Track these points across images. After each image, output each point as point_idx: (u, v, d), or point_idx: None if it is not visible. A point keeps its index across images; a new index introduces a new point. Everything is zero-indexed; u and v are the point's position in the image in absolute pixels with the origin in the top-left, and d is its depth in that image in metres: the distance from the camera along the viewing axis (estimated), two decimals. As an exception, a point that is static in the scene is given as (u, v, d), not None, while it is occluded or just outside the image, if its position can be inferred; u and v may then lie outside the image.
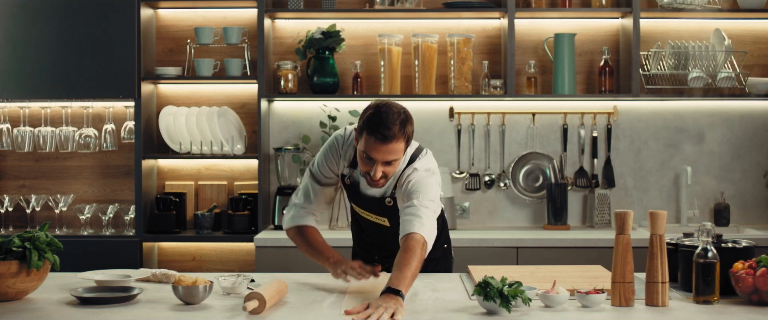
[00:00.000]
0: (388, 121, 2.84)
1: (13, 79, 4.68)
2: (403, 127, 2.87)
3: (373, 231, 3.26)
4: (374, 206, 3.14)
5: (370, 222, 3.22)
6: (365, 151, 2.90)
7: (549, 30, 4.90)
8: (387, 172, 2.93)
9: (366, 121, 2.89)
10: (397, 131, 2.84)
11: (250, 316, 2.53)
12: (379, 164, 2.90)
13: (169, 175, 5.00)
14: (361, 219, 3.26)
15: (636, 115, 4.95)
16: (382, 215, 3.15)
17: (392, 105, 2.90)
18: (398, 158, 2.92)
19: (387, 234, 3.16)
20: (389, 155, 2.88)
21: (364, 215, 3.20)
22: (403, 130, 2.87)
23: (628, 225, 2.66)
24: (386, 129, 2.83)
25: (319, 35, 4.72)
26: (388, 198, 3.09)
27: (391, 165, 2.92)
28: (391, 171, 2.94)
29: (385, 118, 2.85)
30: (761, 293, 2.63)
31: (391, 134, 2.84)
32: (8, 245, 2.72)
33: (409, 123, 2.90)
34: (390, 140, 2.84)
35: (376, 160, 2.89)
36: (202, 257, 5.00)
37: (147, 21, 4.80)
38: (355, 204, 3.21)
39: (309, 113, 4.94)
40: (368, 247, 3.33)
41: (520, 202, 4.96)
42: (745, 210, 4.96)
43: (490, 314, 2.54)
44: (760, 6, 4.74)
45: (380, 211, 3.15)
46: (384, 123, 2.84)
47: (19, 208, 4.87)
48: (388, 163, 2.91)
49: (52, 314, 2.58)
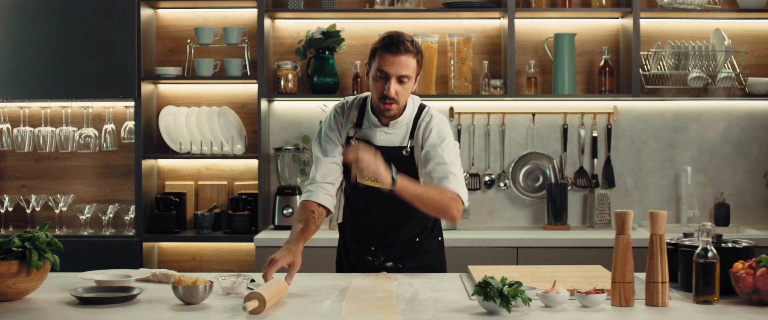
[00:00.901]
0: (401, 38, 3.04)
1: (13, 79, 4.68)
2: (415, 45, 3.05)
3: (375, 211, 3.22)
4: (388, 159, 3.08)
5: (374, 196, 3.14)
6: (380, 66, 3.04)
7: (549, 30, 4.90)
8: (399, 93, 3.05)
9: (380, 42, 3.07)
10: (410, 46, 3.03)
11: (250, 316, 2.53)
12: (393, 79, 3.03)
13: (169, 175, 5.00)
14: (363, 197, 3.21)
15: (636, 115, 4.95)
16: None
17: (402, 32, 3.11)
18: (410, 77, 3.05)
19: (393, 208, 3.15)
20: (402, 69, 3.02)
21: (369, 182, 3.11)
22: (415, 47, 3.05)
23: (628, 225, 2.66)
24: (400, 43, 3.02)
25: (319, 35, 4.72)
26: (406, 148, 3.15)
27: (402, 85, 3.05)
28: (403, 94, 3.06)
29: (397, 37, 3.05)
30: (761, 293, 2.63)
31: (405, 47, 3.02)
32: (8, 245, 2.72)
33: (420, 47, 3.09)
34: (403, 53, 3.01)
35: (390, 74, 3.02)
36: (202, 257, 5.00)
37: (147, 21, 4.80)
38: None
39: (309, 113, 4.94)
40: (367, 237, 3.28)
41: (520, 202, 4.96)
42: (745, 210, 4.96)
43: (490, 314, 2.54)
44: (760, 6, 4.75)
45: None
46: (398, 39, 3.04)
47: (19, 208, 4.87)
48: (400, 82, 3.04)
49: (52, 314, 2.57)
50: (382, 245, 3.26)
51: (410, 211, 3.12)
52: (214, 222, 4.81)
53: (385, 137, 3.16)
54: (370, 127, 3.17)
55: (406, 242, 3.27)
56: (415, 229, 3.27)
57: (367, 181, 2.95)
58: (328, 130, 3.22)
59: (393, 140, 3.16)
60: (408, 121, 3.16)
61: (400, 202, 3.07)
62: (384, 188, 2.89)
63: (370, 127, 3.17)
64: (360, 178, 2.91)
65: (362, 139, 3.18)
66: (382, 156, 2.95)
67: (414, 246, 3.28)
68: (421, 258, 3.27)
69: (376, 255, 3.28)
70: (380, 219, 3.24)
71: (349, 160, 2.89)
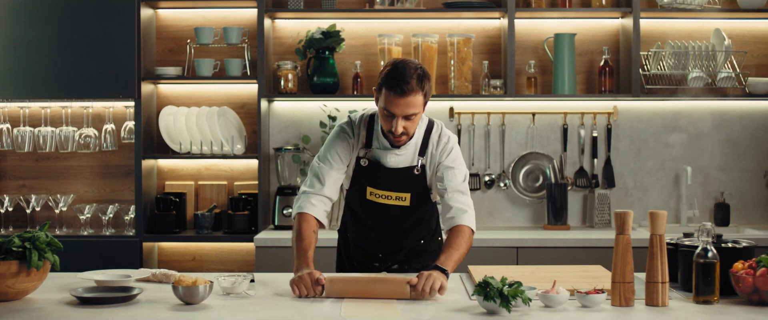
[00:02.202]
0: (406, 75, 2.95)
1: (13, 79, 4.68)
2: (421, 81, 2.98)
3: (385, 223, 3.24)
4: (399, 179, 3.15)
5: (383, 210, 3.20)
6: (385, 107, 3.00)
7: (549, 30, 4.90)
8: (407, 128, 3.04)
9: (385, 78, 2.99)
10: (415, 85, 2.95)
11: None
12: (400, 119, 2.99)
13: (169, 175, 5.00)
14: (372, 211, 3.23)
15: (636, 115, 4.95)
16: (405, 190, 3.17)
17: (409, 61, 3.01)
18: (417, 112, 3.02)
19: (402, 220, 3.19)
20: (409, 109, 2.98)
21: (381, 199, 3.18)
22: (421, 83, 2.98)
23: (628, 225, 2.66)
24: (405, 83, 2.94)
25: (319, 35, 4.72)
26: (417, 167, 3.16)
27: (410, 120, 3.02)
28: (411, 126, 3.05)
29: (403, 73, 2.96)
30: (761, 293, 2.63)
31: (409, 88, 2.95)
32: (8, 245, 2.72)
33: (426, 78, 3.01)
34: (408, 94, 2.95)
35: (396, 114, 2.99)
36: (202, 257, 5.00)
37: (147, 21, 4.80)
38: (373, 187, 3.19)
39: (309, 113, 4.94)
40: (374, 246, 3.30)
41: (520, 202, 4.96)
42: (745, 210, 4.96)
43: (490, 314, 2.54)
44: (760, 6, 4.74)
45: (404, 185, 3.17)
46: (402, 77, 2.95)
47: (19, 208, 4.87)
48: (408, 118, 3.01)
49: (52, 314, 2.58)
50: (389, 251, 3.29)
51: (417, 220, 3.22)
52: (214, 222, 4.80)
53: (395, 159, 3.17)
54: (379, 148, 3.17)
55: (412, 247, 3.31)
56: (421, 234, 3.31)
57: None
58: (335, 145, 3.18)
59: (403, 161, 3.17)
60: (416, 141, 3.17)
61: (408, 213, 3.15)
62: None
63: (380, 147, 3.17)
64: (374, 198, 3.06)
65: (372, 159, 3.17)
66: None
67: (419, 248, 3.32)
68: (427, 260, 3.26)
69: (384, 262, 3.30)
70: (389, 230, 3.27)
71: (421, 289, 2.77)
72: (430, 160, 3.16)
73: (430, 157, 3.16)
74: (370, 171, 3.18)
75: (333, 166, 3.16)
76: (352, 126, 3.20)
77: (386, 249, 3.29)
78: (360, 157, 3.18)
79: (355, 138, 3.18)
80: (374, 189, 3.19)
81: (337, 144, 3.18)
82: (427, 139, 3.16)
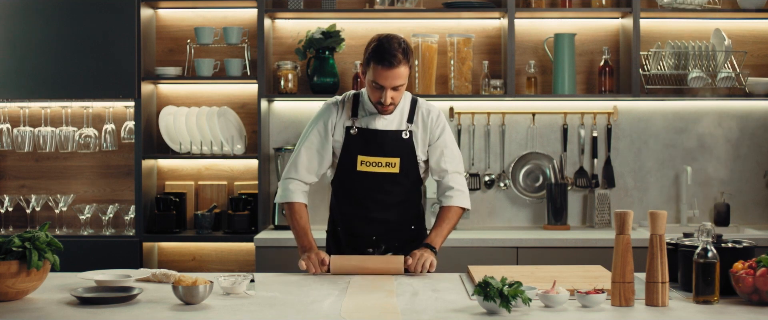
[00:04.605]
0: (392, 49, 3.19)
1: (13, 79, 4.68)
2: (406, 54, 3.22)
3: (377, 194, 3.35)
4: (388, 142, 3.32)
5: (374, 181, 3.33)
6: (374, 79, 3.22)
7: (549, 30, 4.90)
8: (395, 98, 3.26)
9: (372, 52, 3.22)
10: (401, 57, 3.20)
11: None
12: (388, 90, 3.22)
13: (169, 175, 5.00)
14: (362, 184, 3.34)
15: (636, 115, 4.95)
16: (395, 154, 3.32)
17: (392, 36, 3.25)
18: (403, 83, 3.25)
19: (392, 188, 3.34)
20: (396, 80, 3.22)
21: (372, 168, 3.33)
22: (406, 56, 3.22)
23: (628, 225, 2.66)
24: (392, 57, 3.18)
25: (319, 35, 4.72)
26: (405, 131, 3.34)
27: (397, 91, 3.25)
28: (398, 96, 3.28)
29: (389, 47, 3.20)
30: (761, 293, 2.63)
31: (397, 61, 3.19)
32: (8, 245, 2.72)
33: (410, 51, 3.25)
34: (396, 66, 3.19)
35: (385, 86, 3.22)
36: (202, 257, 5.00)
37: (147, 21, 4.80)
38: (364, 155, 3.33)
39: (309, 113, 4.93)
40: (366, 226, 3.39)
41: (520, 202, 4.96)
42: (745, 210, 4.96)
43: (490, 314, 2.54)
44: (760, 6, 4.75)
45: (393, 149, 3.33)
46: (389, 51, 3.19)
47: (19, 208, 4.87)
48: (395, 89, 3.24)
49: (52, 314, 2.58)
50: (381, 232, 3.38)
51: (407, 191, 3.39)
52: (214, 222, 4.80)
53: (383, 122, 3.35)
54: (366, 116, 3.35)
55: (403, 230, 3.43)
56: (410, 212, 3.44)
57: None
58: (322, 118, 3.38)
59: (390, 124, 3.35)
60: (402, 108, 3.37)
61: (398, 182, 3.33)
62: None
63: (366, 115, 3.35)
64: (365, 167, 3.30)
65: (361, 126, 3.33)
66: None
67: (411, 233, 3.44)
68: (417, 247, 3.36)
69: (377, 246, 3.39)
70: (381, 200, 3.37)
71: (414, 268, 3.20)
72: (420, 129, 3.36)
73: (421, 126, 3.36)
74: (360, 138, 3.33)
75: (314, 143, 3.37)
76: (336, 102, 3.40)
77: (379, 229, 3.37)
78: (349, 126, 3.34)
79: (341, 110, 3.36)
80: (365, 157, 3.34)
81: (324, 117, 3.37)
82: (414, 108, 3.37)
